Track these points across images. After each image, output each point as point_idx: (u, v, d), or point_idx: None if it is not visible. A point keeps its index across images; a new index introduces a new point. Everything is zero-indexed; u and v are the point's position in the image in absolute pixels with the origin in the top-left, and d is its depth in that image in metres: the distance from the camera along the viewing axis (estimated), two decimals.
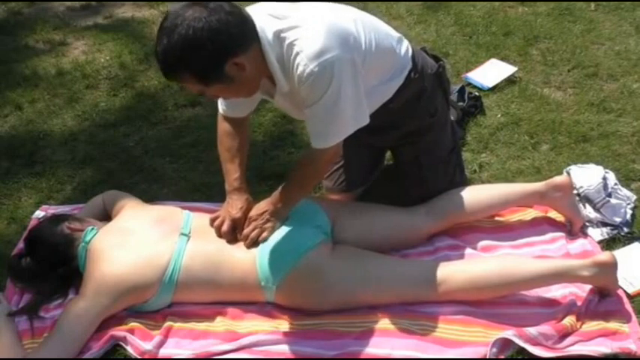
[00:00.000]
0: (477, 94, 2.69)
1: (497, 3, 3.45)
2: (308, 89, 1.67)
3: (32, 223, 2.25)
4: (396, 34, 1.93)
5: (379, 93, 1.89)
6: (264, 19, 1.68)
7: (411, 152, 2.12)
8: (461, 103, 2.59)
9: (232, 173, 2.00)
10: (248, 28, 1.63)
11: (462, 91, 2.63)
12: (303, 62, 1.63)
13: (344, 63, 1.66)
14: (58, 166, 2.59)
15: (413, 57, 1.94)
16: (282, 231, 1.90)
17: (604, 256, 1.84)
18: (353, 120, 1.75)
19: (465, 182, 2.25)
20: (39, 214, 2.30)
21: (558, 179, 2.10)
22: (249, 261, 1.86)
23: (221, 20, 1.56)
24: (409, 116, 2.00)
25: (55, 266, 1.98)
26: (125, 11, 3.75)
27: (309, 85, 1.66)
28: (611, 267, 1.82)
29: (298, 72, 1.65)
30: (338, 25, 1.70)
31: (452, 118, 2.48)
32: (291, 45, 1.65)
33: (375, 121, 1.81)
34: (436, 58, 2.07)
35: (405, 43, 1.95)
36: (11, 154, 2.66)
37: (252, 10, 1.72)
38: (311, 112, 1.73)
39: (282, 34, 1.66)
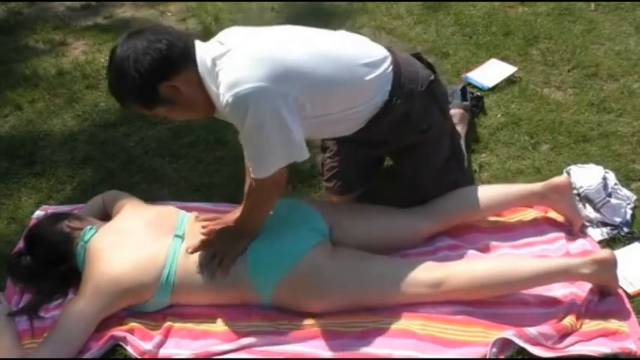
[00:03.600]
0: (478, 94, 2.68)
1: (497, 3, 3.44)
2: (229, 118, 1.72)
3: (32, 223, 2.24)
4: (370, 59, 1.83)
5: (348, 119, 1.86)
6: (210, 44, 1.74)
7: (406, 163, 2.11)
8: (466, 103, 2.59)
9: (245, 187, 2.05)
10: (178, 52, 1.68)
11: (464, 90, 2.63)
12: (222, 91, 1.66)
13: (264, 95, 1.63)
14: (58, 166, 2.58)
15: (398, 79, 1.87)
16: (278, 235, 1.89)
17: (603, 253, 1.84)
18: (285, 152, 1.71)
19: (469, 184, 2.24)
20: (39, 214, 2.30)
21: (557, 180, 2.10)
22: (241, 265, 1.86)
23: (150, 48, 1.64)
24: (398, 135, 1.97)
25: (55, 264, 1.98)
26: (125, 11, 3.74)
27: (227, 114, 1.69)
28: (611, 264, 1.82)
29: (220, 99, 1.68)
30: (272, 56, 1.68)
31: (464, 120, 2.47)
32: (218, 73, 1.68)
33: (364, 136, 1.80)
34: (430, 67, 2.01)
35: (384, 67, 1.85)
36: (11, 154, 2.66)
37: (213, 39, 1.77)
38: (241, 140, 1.76)
39: (217, 61, 1.69)
